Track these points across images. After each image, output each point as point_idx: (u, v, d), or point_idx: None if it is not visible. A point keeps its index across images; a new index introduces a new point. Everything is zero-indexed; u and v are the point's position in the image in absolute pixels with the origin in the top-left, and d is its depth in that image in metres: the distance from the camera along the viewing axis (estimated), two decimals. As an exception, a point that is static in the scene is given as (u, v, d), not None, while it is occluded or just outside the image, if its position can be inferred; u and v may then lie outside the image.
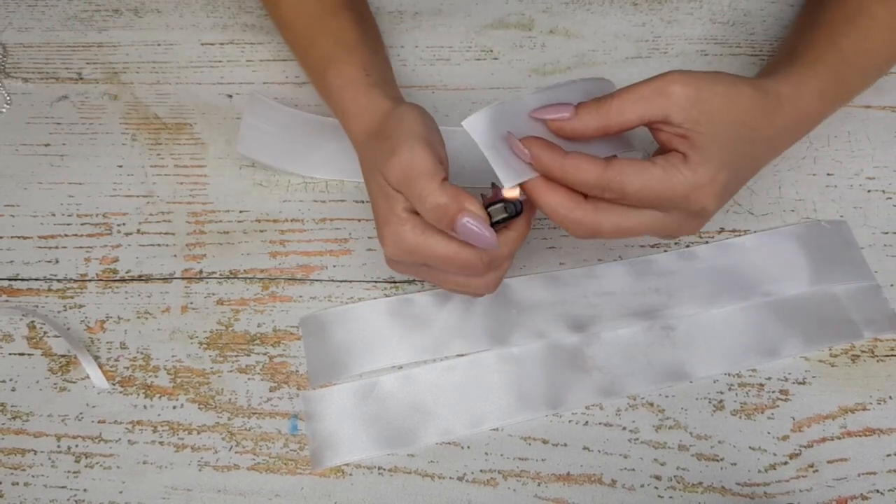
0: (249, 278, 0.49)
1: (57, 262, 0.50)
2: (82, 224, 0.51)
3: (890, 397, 0.44)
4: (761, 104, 0.37)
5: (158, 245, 0.50)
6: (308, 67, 0.49)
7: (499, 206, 0.38)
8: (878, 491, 0.41)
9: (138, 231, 0.51)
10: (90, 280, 0.49)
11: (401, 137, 0.38)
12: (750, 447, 0.43)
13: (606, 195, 0.36)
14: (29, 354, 0.47)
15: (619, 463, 0.43)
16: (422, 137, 0.38)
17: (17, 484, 0.43)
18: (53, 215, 0.51)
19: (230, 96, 0.56)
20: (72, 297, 0.48)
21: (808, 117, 0.41)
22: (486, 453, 0.43)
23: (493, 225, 0.37)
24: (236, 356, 0.46)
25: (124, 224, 0.51)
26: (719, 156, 0.36)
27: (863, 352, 0.45)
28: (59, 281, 0.49)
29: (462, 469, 0.43)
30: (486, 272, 0.39)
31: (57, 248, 0.50)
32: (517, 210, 0.38)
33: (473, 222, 0.36)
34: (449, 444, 0.43)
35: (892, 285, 0.47)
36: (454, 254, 0.38)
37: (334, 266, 0.49)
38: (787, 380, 0.44)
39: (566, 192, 0.37)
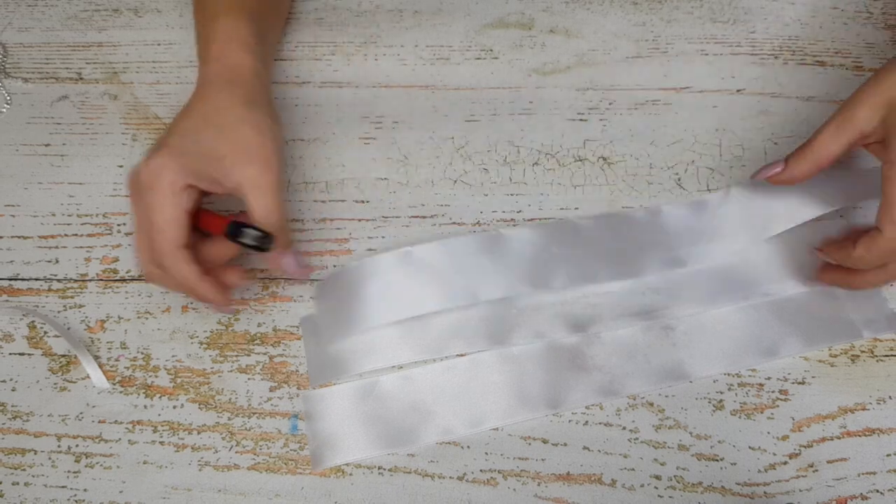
0: (249, 278, 0.49)
1: (57, 262, 0.50)
2: (82, 224, 0.51)
3: (889, 397, 0.44)
4: None
5: (158, 245, 0.50)
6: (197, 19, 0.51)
7: (256, 233, 0.41)
8: (877, 491, 0.41)
9: (138, 231, 0.51)
10: (90, 280, 0.49)
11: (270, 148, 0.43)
12: (750, 447, 0.43)
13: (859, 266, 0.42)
14: (29, 354, 0.47)
15: (619, 463, 0.43)
16: (193, 170, 0.41)
17: (18, 484, 0.43)
18: (53, 215, 0.52)
19: (230, 96, 0.56)
20: (72, 297, 0.48)
21: None
22: (486, 453, 0.43)
23: (239, 241, 0.41)
24: (236, 356, 0.46)
25: (124, 224, 0.51)
26: None
27: (862, 352, 0.45)
28: (59, 281, 0.49)
29: (462, 469, 0.43)
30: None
31: (57, 248, 0.50)
32: (266, 246, 0.41)
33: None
34: (449, 443, 0.43)
35: (891, 285, 0.47)
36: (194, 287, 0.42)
37: (334, 266, 0.49)
38: (786, 380, 0.44)
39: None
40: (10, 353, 0.47)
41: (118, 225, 0.51)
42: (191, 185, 0.41)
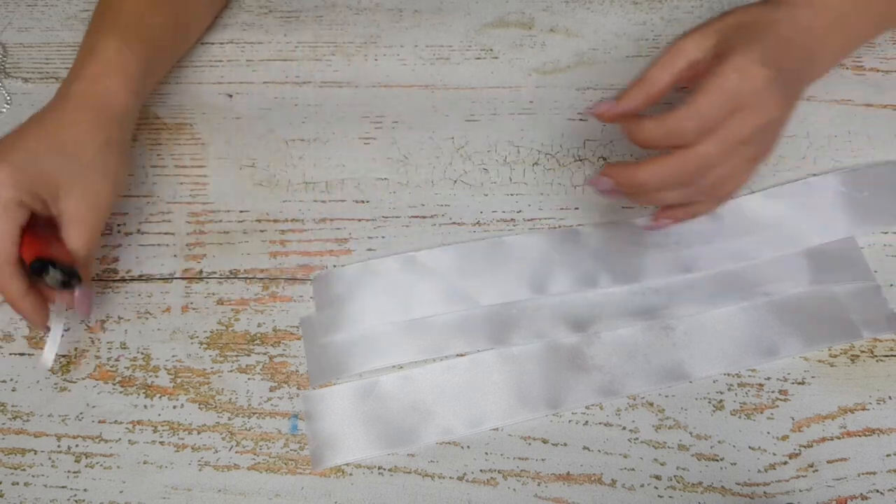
0: (249, 278, 0.49)
1: (57, 262, 0.50)
2: (82, 224, 0.51)
3: (889, 397, 0.44)
4: (773, 9, 0.41)
5: (158, 245, 0.50)
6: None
7: (59, 276, 0.41)
8: (877, 491, 0.41)
9: (138, 231, 0.51)
10: (90, 280, 0.49)
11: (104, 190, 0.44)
12: (750, 447, 0.43)
13: (690, 137, 0.38)
14: (29, 354, 0.47)
15: (619, 463, 0.43)
16: (17, 199, 0.41)
17: (18, 484, 0.43)
18: (53, 215, 0.51)
19: (230, 96, 0.56)
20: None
21: (841, 18, 0.43)
22: (486, 453, 0.43)
23: (41, 278, 0.41)
24: (236, 356, 0.46)
25: (124, 224, 0.51)
26: (734, 45, 0.39)
27: (862, 352, 0.45)
28: (59, 281, 0.49)
29: (462, 469, 0.43)
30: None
31: (57, 248, 0.50)
32: (70, 285, 0.42)
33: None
34: (449, 443, 0.43)
35: (891, 285, 0.47)
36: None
37: (334, 266, 0.49)
38: (786, 380, 0.44)
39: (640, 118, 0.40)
40: (10, 354, 0.47)
41: (118, 225, 0.51)
42: (24, 202, 0.41)
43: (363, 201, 0.51)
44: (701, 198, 0.41)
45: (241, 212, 0.51)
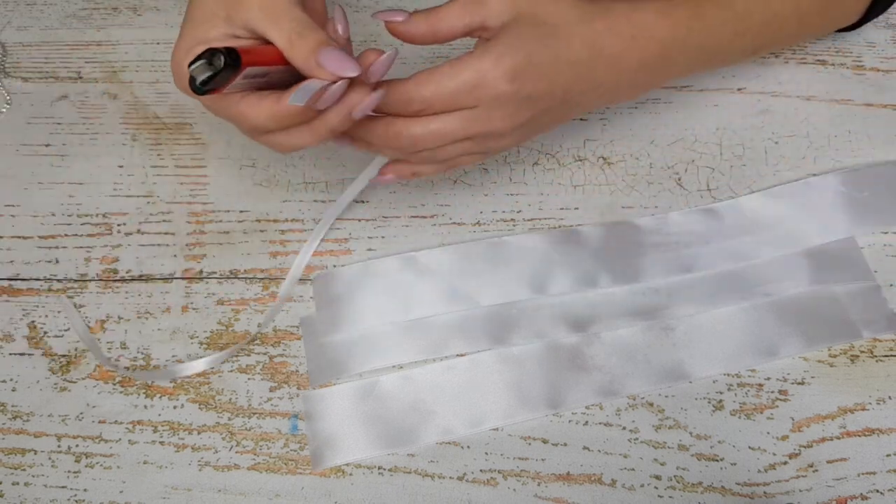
0: (249, 278, 0.49)
1: (57, 262, 0.50)
2: (82, 224, 0.51)
3: (889, 397, 0.44)
4: (580, 6, 0.39)
5: (159, 245, 0.50)
6: None
7: (202, 62, 0.33)
8: (877, 491, 0.41)
9: (138, 231, 0.51)
10: (90, 280, 0.49)
11: None
12: (749, 447, 0.43)
13: (415, 108, 0.37)
14: (29, 354, 0.47)
15: (619, 463, 0.43)
16: None
17: (18, 484, 0.43)
18: (53, 215, 0.51)
19: (230, 95, 0.56)
20: (72, 297, 0.48)
21: (651, 37, 0.41)
22: (486, 453, 0.43)
23: (203, 84, 0.33)
24: (236, 356, 0.46)
25: (124, 224, 0.51)
26: (507, 42, 0.37)
27: (862, 352, 0.45)
28: (59, 281, 0.49)
29: (462, 469, 0.43)
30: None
31: (57, 248, 0.50)
32: (227, 63, 0.32)
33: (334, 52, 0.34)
34: (449, 443, 0.43)
35: (891, 285, 0.47)
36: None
37: (334, 266, 0.49)
38: (786, 380, 0.44)
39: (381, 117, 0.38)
40: (10, 354, 0.47)
41: (118, 225, 0.51)
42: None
43: (363, 201, 0.51)
44: (418, 161, 0.41)
45: (241, 212, 0.51)
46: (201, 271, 0.49)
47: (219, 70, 0.32)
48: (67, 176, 0.53)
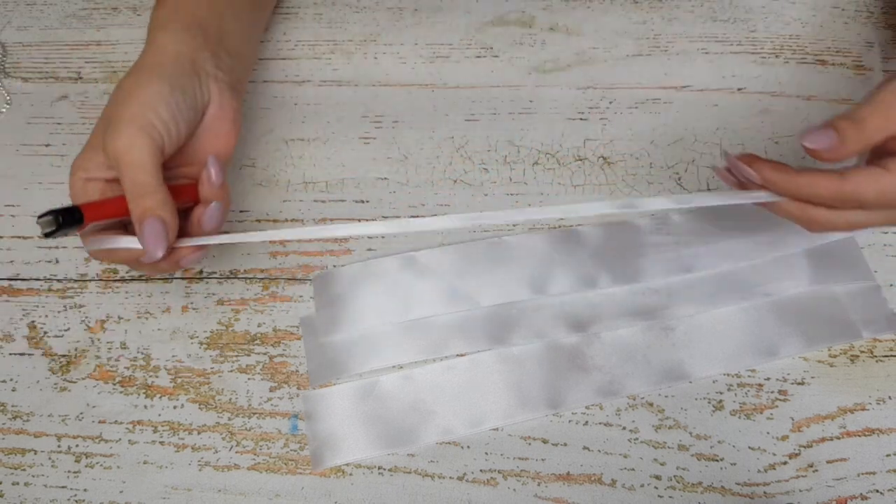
0: (249, 278, 0.49)
1: (57, 262, 0.50)
2: (82, 224, 0.51)
3: (889, 397, 0.44)
4: None
5: (158, 245, 0.50)
6: None
7: (48, 217, 0.36)
8: (877, 491, 0.41)
9: (138, 231, 0.51)
10: (90, 280, 0.49)
11: (125, 118, 0.38)
12: (749, 447, 0.43)
13: (843, 206, 0.36)
14: (29, 354, 0.47)
15: (619, 463, 0.43)
16: (147, 125, 0.38)
17: (18, 484, 0.43)
18: (53, 215, 0.51)
19: (230, 95, 0.56)
20: (72, 297, 0.48)
21: None
22: (486, 453, 0.43)
23: (47, 235, 0.37)
24: (236, 356, 0.46)
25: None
26: None
27: (862, 352, 0.45)
28: (59, 281, 0.49)
29: (462, 469, 0.43)
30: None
31: (57, 248, 0.50)
32: (66, 221, 0.36)
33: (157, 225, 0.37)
34: (449, 443, 0.43)
35: (891, 285, 0.47)
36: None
37: (334, 266, 0.49)
38: (786, 380, 0.44)
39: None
40: (10, 354, 0.47)
41: (118, 225, 0.51)
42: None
43: (363, 201, 0.51)
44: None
45: (241, 212, 0.51)
46: (201, 271, 0.49)
47: (59, 226, 0.36)
48: (67, 176, 0.53)
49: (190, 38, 0.43)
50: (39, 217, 0.36)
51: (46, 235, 0.36)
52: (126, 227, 0.41)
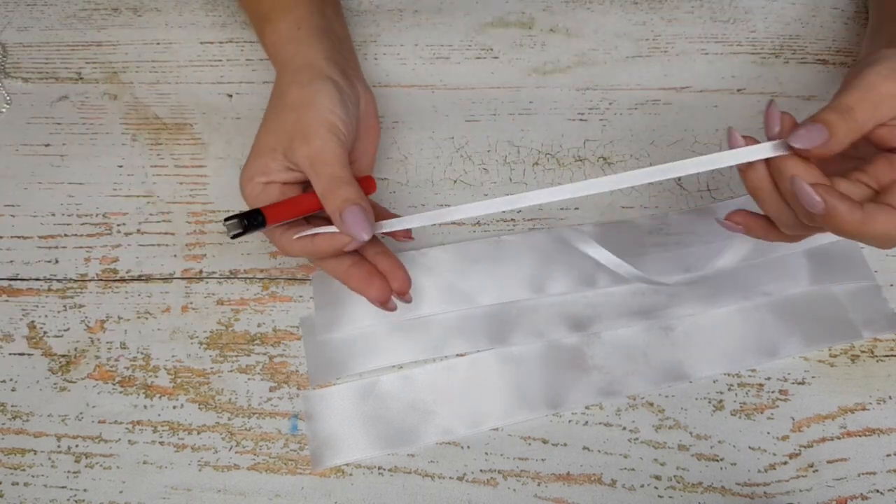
0: (249, 278, 0.49)
1: (57, 262, 0.50)
2: (82, 224, 0.51)
3: (889, 397, 0.44)
4: None
5: (158, 245, 0.50)
6: (254, 24, 0.50)
7: (234, 220, 0.39)
8: (878, 491, 0.41)
9: (138, 231, 0.51)
10: (90, 280, 0.49)
11: (312, 124, 0.40)
12: (750, 447, 0.43)
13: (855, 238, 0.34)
14: (29, 354, 0.47)
15: (619, 463, 0.43)
16: (333, 127, 0.40)
17: (17, 484, 0.43)
18: (53, 215, 0.51)
19: (230, 96, 0.56)
20: (72, 297, 0.48)
21: None
22: (486, 453, 0.43)
23: (234, 236, 0.39)
24: (236, 356, 0.46)
25: (124, 224, 0.51)
26: None
27: (862, 352, 0.45)
28: (59, 281, 0.49)
29: (462, 469, 0.43)
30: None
31: (57, 248, 0.50)
32: (251, 223, 0.39)
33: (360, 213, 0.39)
34: (449, 443, 0.43)
35: (891, 285, 0.47)
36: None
37: (334, 266, 0.49)
38: (786, 380, 0.44)
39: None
40: (10, 354, 0.47)
41: (118, 225, 0.51)
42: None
43: (363, 201, 0.51)
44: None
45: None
46: (201, 271, 0.49)
47: (245, 228, 0.39)
48: (67, 176, 0.53)
49: (329, 45, 0.46)
50: (225, 220, 0.39)
51: (233, 237, 0.39)
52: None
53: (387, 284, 0.41)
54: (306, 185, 0.42)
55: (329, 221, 0.40)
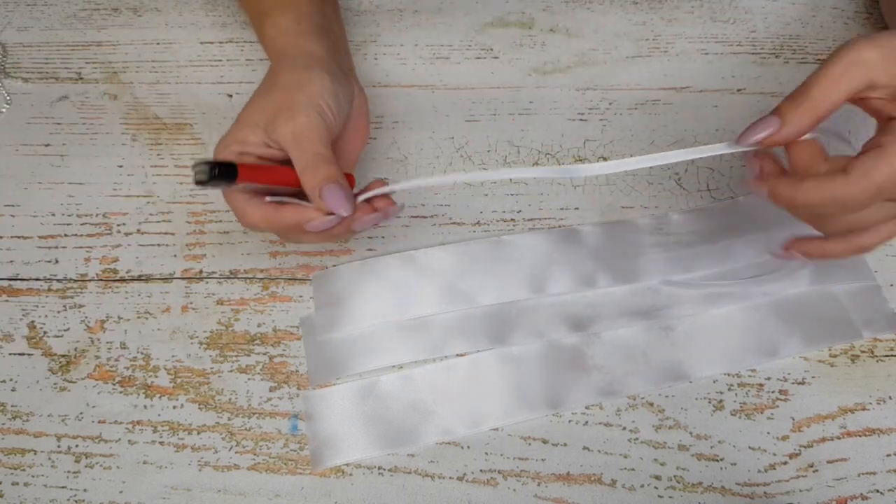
0: (249, 278, 0.49)
1: (57, 262, 0.50)
2: (82, 224, 0.51)
3: (889, 397, 0.44)
4: None
5: (158, 245, 0.50)
6: (253, 21, 0.51)
7: (204, 166, 0.37)
8: (878, 491, 0.41)
9: (138, 231, 0.51)
10: (90, 280, 0.49)
11: (300, 102, 0.41)
12: (750, 447, 0.43)
13: (864, 204, 0.35)
14: (29, 354, 0.47)
15: (619, 463, 0.43)
16: (320, 109, 0.41)
17: (17, 484, 0.43)
18: (53, 215, 0.51)
19: (230, 96, 0.56)
20: (72, 297, 0.48)
21: None
22: (486, 453, 0.43)
23: (199, 182, 0.37)
24: (236, 356, 0.46)
25: (124, 224, 0.51)
26: None
27: (862, 352, 0.45)
28: (59, 281, 0.49)
29: (462, 469, 0.43)
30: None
31: (57, 248, 0.50)
32: (217, 175, 0.37)
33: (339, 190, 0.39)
34: (449, 443, 0.43)
35: (891, 285, 0.47)
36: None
37: (334, 266, 0.49)
38: (786, 380, 0.44)
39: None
40: (10, 354, 0.47)
41: (118, 225, 0.51)
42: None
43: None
44: (834, 237, 0.38)
45: (240, 212, 0.51)
46: (201, 271, 0.49)
47: (212, 177, 0.37)
48: (67, 176, 0.53)
49: (328, 43, 0.46)
50: (194, 165, 0.37)
51: (198, 183, 0.37)
52: None
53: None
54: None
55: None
